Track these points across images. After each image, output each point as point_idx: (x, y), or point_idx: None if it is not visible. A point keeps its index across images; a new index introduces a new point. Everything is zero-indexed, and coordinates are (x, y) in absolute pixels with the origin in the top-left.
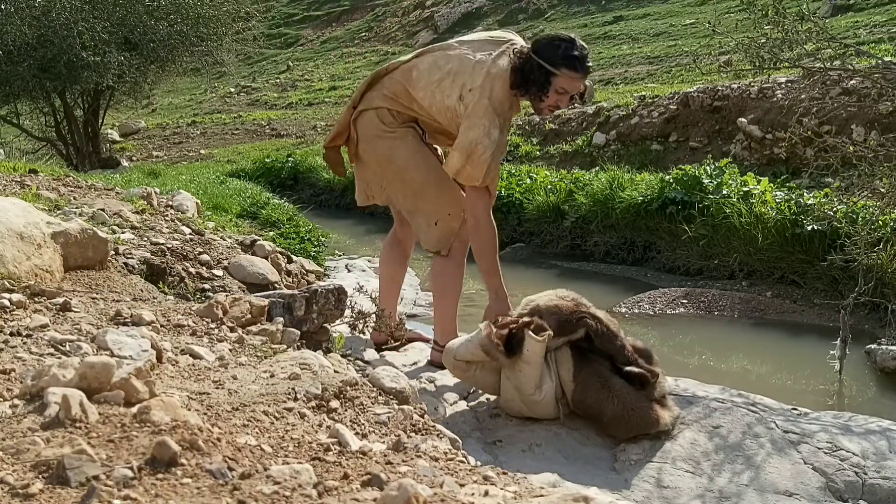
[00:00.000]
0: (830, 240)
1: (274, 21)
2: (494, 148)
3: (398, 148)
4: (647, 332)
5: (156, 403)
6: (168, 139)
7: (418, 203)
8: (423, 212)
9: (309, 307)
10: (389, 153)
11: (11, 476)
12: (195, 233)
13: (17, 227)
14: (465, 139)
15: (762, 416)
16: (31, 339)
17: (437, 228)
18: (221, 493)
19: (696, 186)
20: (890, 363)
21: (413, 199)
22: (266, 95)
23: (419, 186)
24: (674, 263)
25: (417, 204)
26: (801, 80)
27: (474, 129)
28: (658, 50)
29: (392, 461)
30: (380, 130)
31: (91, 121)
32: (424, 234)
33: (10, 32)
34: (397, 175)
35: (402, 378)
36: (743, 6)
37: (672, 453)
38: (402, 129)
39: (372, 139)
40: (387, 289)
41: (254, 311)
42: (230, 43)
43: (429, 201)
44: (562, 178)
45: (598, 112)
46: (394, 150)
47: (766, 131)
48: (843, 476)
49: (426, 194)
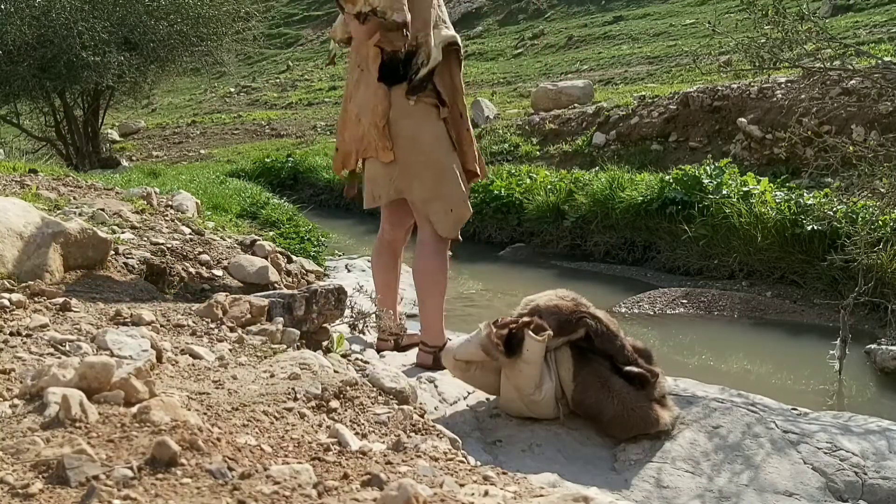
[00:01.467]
0: (830, 240)
1: (274, 21)
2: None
3: (423, 128)
4: (647, 332)
5: (156, 403)
6: (168, 139)
7: (440, 189)
8: (444, 197)
9: (309, 307)
10: (414, 134)
11: (11, 476)
12: (195, 233)
13: (17, 227)
14: None
15: (762, 416)
16: (31, 338)
17: (453, 215)
18: (221, 493)
19: (696, 186)
20: (890, 363)
21: (434, 185)
22: (266, 95)
23: (441, 170)
24: (674, 263)
25: (439, 190)
26: (801, 80)
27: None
28: (658, 50)
29: (392, 461)
30: (404, 110)
31: (91, 121)
32: (442, 221)
33: (9, 32)
34: (421, 158)
35: (402, 378)
36: (743, 6)
37: (672, 453)
38: (425, 107)
39: (397, 120)
40: (384, 296)
41: (254, 311)
42: (230, 43)
43: (449, 185)
44: (562, 178)
45: (598, 112)
46: (418, 131)
47: (766, 131)
48: (843, 476)
49: (448, 178)
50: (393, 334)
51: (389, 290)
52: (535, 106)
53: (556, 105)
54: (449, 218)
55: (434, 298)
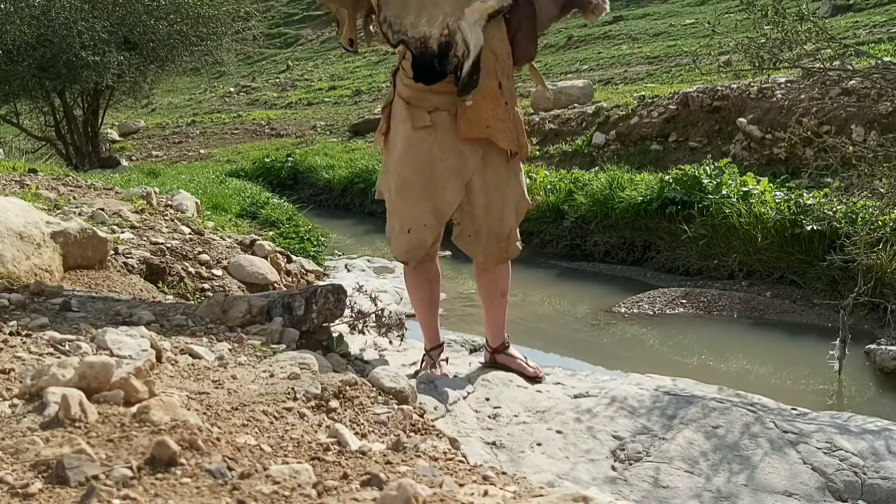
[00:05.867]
0: (830, 240)
1: (273, 21)
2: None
3: (397, 132)
4: (646, 332)
5: (155, 403)
6: (168, 139)
7: (396, 204)
8: (398, 215)
9: (308, 307)
10: (393, 135)
11: (11, 476)
12: (195, 232)
13: (16, 227)
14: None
15: (760, 416)
16: (31, 338)
17: (408, 237)
18: (221, 493)
19: (696, 186)
20: (889, 363)
21: (395, 197)
22: (266, 95)
23: (401, 185)
24: (673, 263)
25: (396, 205)
26: (801, 80)
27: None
28: (658, 50)
29: (391, 461)
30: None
31: (91, 120)
32: (394, 239)
33: (9, 32)
34: (390, 164)
35: (401, 378)
36: (743, 6)
37: (670, 453)
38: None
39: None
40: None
41: (253, 310)
42: (230, 43)
43: (404, 204)
44: (561, 178)
45: (598, 112)
46: (395, 133)
47: (766, 131)
48: (842, 476)
49: (406, 197)
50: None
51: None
52: (534, 106)
53: (555, 105)
54: (403, 238)
55: (416, 310)
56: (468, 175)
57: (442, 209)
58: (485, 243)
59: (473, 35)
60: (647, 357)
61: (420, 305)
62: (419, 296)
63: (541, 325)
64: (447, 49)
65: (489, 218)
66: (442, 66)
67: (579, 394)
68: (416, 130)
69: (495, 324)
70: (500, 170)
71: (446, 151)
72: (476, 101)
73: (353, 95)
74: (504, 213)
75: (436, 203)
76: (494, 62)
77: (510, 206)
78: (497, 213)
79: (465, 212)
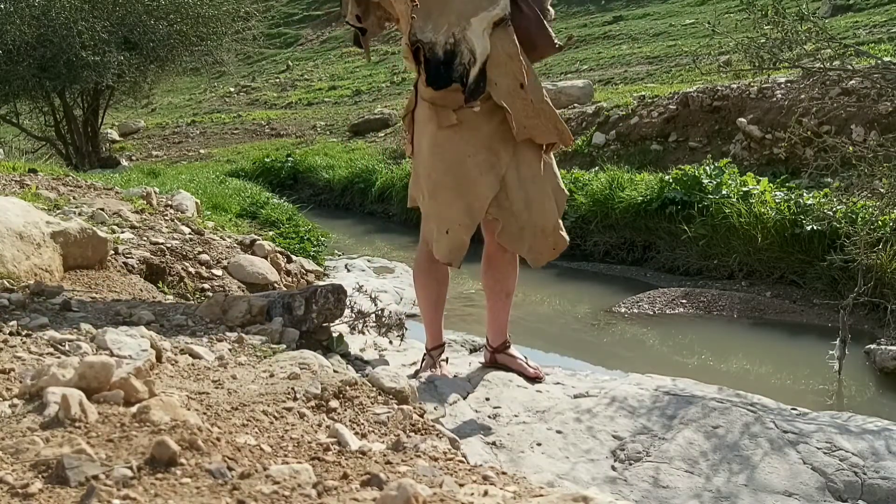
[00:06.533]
0: (830, 240)
1: (273, 21)
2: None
3: (423, 135)
4: (646, 332)
5: (155, 403)
6: (167, 139)
7: (432, 206)
8: (437, 218)
9: (308, 307)
10: (418, 140)
11: (11, 475)
12: (195, 232)
13: (16, 227)
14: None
15: (760, 416)
16: (31, 338)
17: (448, 238)
18: (221, 493)
19: (696, 186)
20: (889, 363)
21: (429, 201)
22: (266, 95)
23: (434, 187)
24: (673, 263)
25: (432, 207)
26: (801, 80)
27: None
28: (658, 50)
29: (391, 461)
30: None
31: (90, 120)
32: (436, 241)
33: (9, 32)
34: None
35: (401, 378)
36: (743, 6)
37: (670, 453)
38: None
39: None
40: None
41: (253, 310)
42: (230, 43)
43: (440, 205)
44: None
45: (598, 112)
46: (420, 137)
47: (766, 131)
48: (842, 476)
49: (440, 198)
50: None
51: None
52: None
53: (555, 105)
54: (443, 240)
55: (423, 309)
56: (502, 170)
57: (475, 206)
58: (531, 241)
59: (480, 44)
60: (647, 357)
61: (427, 306)
62: (427, 295)
63: (541, 325)
64: (452, 57)
65: (531, 213)
66: (448, 72)
67: (579, 394)
68: (442, 130)
69: (497, 323)
70: (535, 164)
71: (475, 147)
72: (510, 107)
73: (353, 95)
74: (545, 205)
75: (469, 200)
76: (510, 63)
77: (550, 198)
78: (538, 207)
79: (504, 209)
